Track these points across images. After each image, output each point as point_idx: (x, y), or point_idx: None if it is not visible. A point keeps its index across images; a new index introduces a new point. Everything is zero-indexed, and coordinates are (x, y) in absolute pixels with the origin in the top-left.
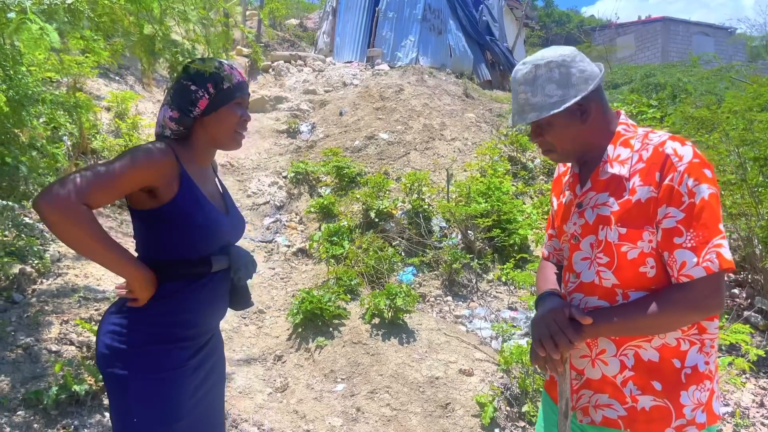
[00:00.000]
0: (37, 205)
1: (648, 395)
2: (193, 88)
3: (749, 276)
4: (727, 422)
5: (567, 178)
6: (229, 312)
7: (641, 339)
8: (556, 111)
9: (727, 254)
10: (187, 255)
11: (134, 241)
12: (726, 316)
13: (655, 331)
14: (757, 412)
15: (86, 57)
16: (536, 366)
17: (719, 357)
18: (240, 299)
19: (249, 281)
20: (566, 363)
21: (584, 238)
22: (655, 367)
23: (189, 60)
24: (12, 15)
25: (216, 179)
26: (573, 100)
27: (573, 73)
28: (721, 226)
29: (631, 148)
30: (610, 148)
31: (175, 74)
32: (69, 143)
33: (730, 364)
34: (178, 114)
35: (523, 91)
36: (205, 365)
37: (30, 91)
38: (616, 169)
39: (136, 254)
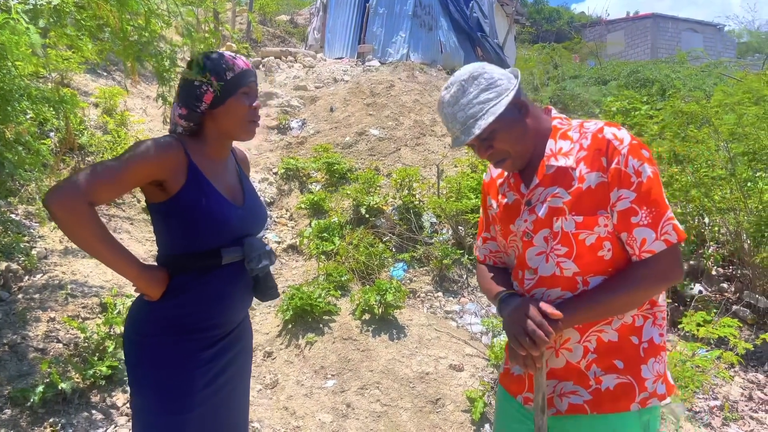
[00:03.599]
0: (45, 204)
1: (611, 374)
2: (196, 83)
3: (738, 270)
4: (716, 416)
5: (503, 179)
6: None
7: (603, 323)
8: (500, 110)
9: (680, 225)
10: (195, 247)
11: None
12: (715, 310)
13: (626, 309)
14: (746, 405)
15: (73, 52)
16: (515, 365)
17: (708, 351)
18: (263, 290)
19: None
20: (543, 357)
21: (537, 233)
22: (615, 346)
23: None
24: None
25: (237, 171)
26: (511, 94)
27: (495, 77)
28: (666, 201)
29: (571, 139)
30: (550, 142)
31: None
32: (56, 139)
33: (718, 357)
34: (186, 111)
35: (460, 109)
36: (224, 356)
37: (15, 87)
38: (561, 161)
39: (157, 252)
